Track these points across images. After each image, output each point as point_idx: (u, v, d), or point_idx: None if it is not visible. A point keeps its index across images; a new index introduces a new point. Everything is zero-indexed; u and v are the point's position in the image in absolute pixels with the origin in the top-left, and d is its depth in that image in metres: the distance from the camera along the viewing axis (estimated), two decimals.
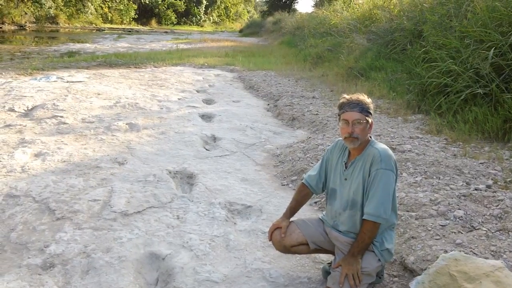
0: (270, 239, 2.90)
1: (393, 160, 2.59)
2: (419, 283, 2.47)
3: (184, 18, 64.66)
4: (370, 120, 2.61)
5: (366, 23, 13.45)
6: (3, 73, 10.94)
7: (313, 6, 33.86)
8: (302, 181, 2.98)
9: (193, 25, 64.53)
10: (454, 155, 4.89)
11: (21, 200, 3.91)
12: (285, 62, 15.30)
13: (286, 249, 2.86)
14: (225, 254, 3.23)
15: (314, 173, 2.90)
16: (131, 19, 54.18)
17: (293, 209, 2.95)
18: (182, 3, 61.29)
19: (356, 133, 2.58)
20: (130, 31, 42.78)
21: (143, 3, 55.97)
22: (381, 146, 2.64)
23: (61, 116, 6.78)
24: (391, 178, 2.55)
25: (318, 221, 2.92)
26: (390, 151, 2.62)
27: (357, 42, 12.28)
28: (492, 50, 5.97)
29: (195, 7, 65.68)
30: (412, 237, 3.18)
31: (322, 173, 2.87)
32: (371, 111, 2.63)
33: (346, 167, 2.71)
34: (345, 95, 2.69)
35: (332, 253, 2.84)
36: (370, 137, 2.70)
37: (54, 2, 40.90)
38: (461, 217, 3.33)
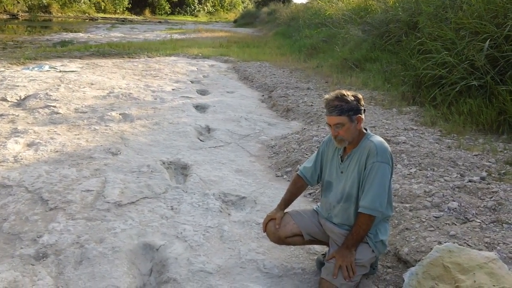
0: (265, 231, 2.90)
1: (389, 153, 2.57)
2: (413, 275, 2.47)
3: (178, 8, 64.09)
4: (354, 118, 2.54)
5: (361, 14, 13.40)
6: None
7: None
8: (297, 172, 2.97)
9: (187, 15, 64.04)
10: (449, 147, 4.90)
11: (13, 190, 3.88)
12: (280, 53, 15.25)
13: (281, 240, 2.85)
14: (219, 245, 3.22)
15: (310, 165, 2.89)
16: (125, 9, 53.67)
17: (287, 201, 2.95)
18: None
19: (340, 135, 2.57)
20: (123, 21, 42.46)
21: None
22: (377, 138, 2.62)
23: (54, 106, 6.72)
24: (387, 171, 2.54)
25: (313, 213, 2.91)
26: (386, 144, 2.60)
27: (352, 33, 12.24)
28: (487, 42, 5.96)
29: None
30: (406, 229, 3.18)
31: (318, 165, 2.86)
32: (355, 107, 2.54)
33: (342, 160, 2.70)
34: (326, 95, 2.64)
35: (327, 244, 2.84)
36: (366, 129, 2.68)
37: None
38: (455, 208, 3.34)
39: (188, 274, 2.83)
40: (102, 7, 50.29)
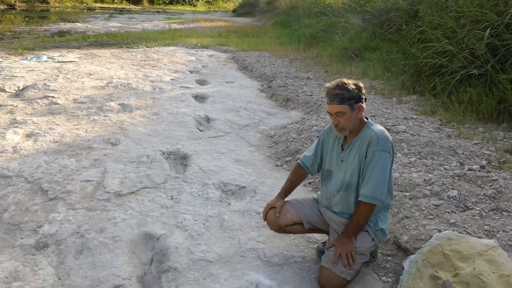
0: (265, 219, 2.90)
1: (390, 141, 2.57)
2: (413, 262, 2.48)
3: None
4: (355, 107, 2.53)
5: (361, 2, 13.31)
6: None
7: None
8: (298, 161, 2.97)
9: (186, 4, 63.56)
10: (448, 135, 4.89)
11: (13, 180, 3.88)
12: (279, 43, 15.18)
13: (281, 229, 2.86)
14: (219, 234, 3.22)
15: (310, 154, 2.89)
16: None
17: (287, 190, 2.95)
18: None
19: (341, 124, 2.56)
20: (121, 11, 42.15)
21: None
22: (378, 127, 2.61)
23: (53, 97, 6.70)
24: (387, 160, 2.53)
25: (313, 201, 2.91)
26: (387, 133, 2.59)
27: (352, 22, 12.18)
28: (488, 31, 5.94)
29: None
30: (406, 217, 3.19)
31: (318, 154, 2.86)
32: (357, 96, 2.53)
33: (342, 149, 2.69)
34: (327, 84, 2.63)
35: (327, 232, 2.85)
36: (367, 118, 2.67)
37: None
38: (455, 197, 3.35)
39: (189, 263, 2.84)
40: None
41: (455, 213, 3.15)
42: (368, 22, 11.32)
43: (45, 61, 10.03)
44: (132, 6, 51.31)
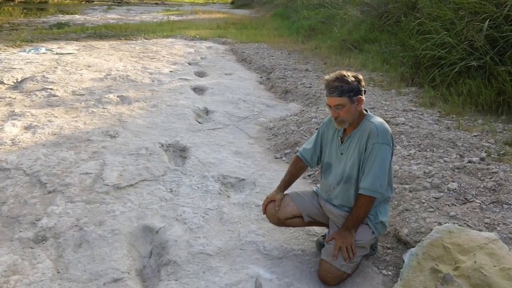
0: (264, 212, 2.89)
1: (390, 134, 2.55)
2: (413, 255, 2.47)
3: None
4: (354, 99, 2.52)
5: None
6: None
7: None
8: (297, 154, 2.96)
9: None
10: (448, 127, 4.88)
11: (11, 173, 3.86)
12: (278, 35, 15.11)
13: (280, 222, 2.85)
14: (218, 227, 3.22)
15: (309, 147, 2.87)
16: None
17: (287, 182, 2.93)
18: None
19: (341, 116, 2.54)
20: (120, 2, 41.89)
21: None
22: (378, 120, 2.59)
23: (51, 89, 6.67)
24: (387, 153, 2.52)
25: (312, 194, 2.90)
26: (387, 125, 2.58)
27: (351, 14, 12.14)
28: (486, 22, 5.90)
29: None
30: (406, 210, 3.18)
31: (317, 147, 2.84)
32: (356, 88, 2.51)
33: (342, 142, 2.68)
34: (327, 76, 2.61)
35: (326, 225, 2.84)
36: (366, 110, 2.65)
37: None
38: (455, 189, 3.34)
39: (188, 256, 2.83)
40: None
41: (455, 205, 3.14)
42: (366, 14, 11.28)
43: (44, 53, 9.98)
44: None
